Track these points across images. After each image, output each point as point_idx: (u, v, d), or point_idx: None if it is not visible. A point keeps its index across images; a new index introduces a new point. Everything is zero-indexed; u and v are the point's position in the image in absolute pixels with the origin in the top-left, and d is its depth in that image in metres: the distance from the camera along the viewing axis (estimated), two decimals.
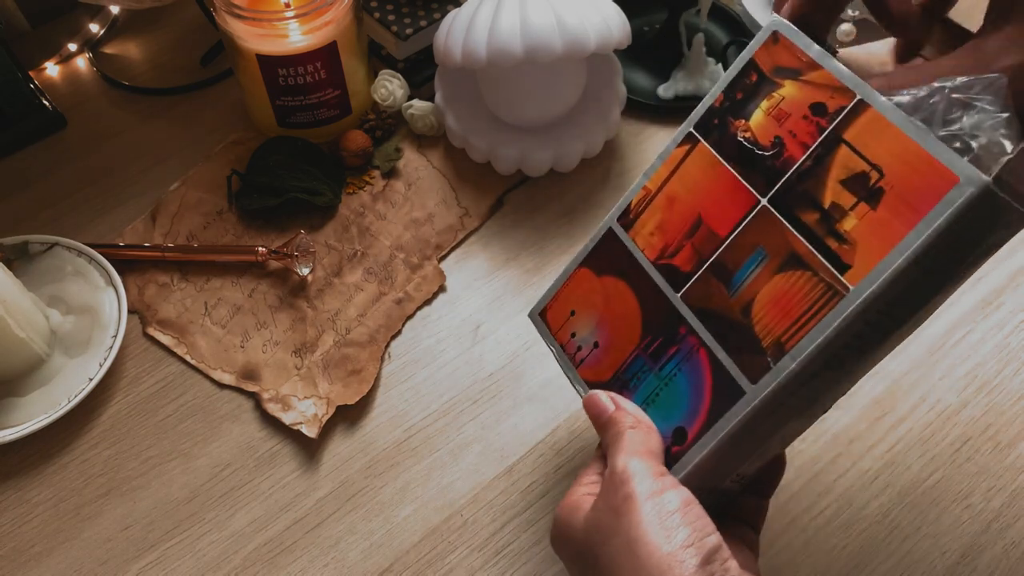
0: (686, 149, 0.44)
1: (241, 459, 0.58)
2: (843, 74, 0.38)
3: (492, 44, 0.61)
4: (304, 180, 0.69)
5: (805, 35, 0.40)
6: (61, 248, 0.65)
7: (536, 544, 0.54)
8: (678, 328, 0.42)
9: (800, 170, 0.39)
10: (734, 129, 0.42)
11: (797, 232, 0.39)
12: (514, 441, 0.58)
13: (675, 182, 0.44)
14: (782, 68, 0.41)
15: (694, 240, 0.42)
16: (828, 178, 0.38)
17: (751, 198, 0.41)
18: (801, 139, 0.39)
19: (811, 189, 0.38)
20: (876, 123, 0.37)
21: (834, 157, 0.38)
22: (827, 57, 0.39)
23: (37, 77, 0.78)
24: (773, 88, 0.41)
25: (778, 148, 0.40)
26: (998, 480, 0.56)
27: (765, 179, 0.40)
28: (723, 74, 0.43)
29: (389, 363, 0.62)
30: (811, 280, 0.38)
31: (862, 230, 0.36)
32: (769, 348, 0.38)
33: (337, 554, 0.54)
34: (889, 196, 0.36)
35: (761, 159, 0.40)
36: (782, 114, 0.40)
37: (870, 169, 0.37)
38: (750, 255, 0.40)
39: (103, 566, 0.54)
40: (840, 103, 0.38)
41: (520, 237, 0.68)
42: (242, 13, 0.64)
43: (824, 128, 0.38)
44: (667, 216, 0.44)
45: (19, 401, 0.59)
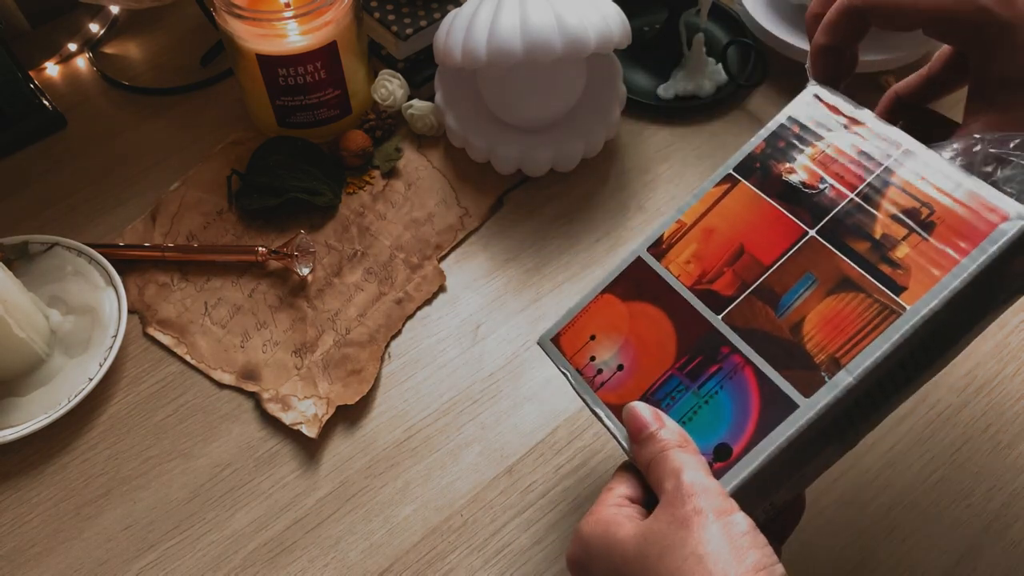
0: (725, 188, 0.46)
1: (241, 459, 0.58)
2: (889, 131, 0.43)
3: (492, 44, 0.61)
4: (304, 180, 0.69)
5: (844, 97, 0.45)
6: (61, 248, 0.65)
7: (536, 544, 0.54)
8: (719, 348, 0.42)
9: (848, 206, 0.42)
10: (779, 171, 0.45)
11: (848, 259, 0.41)
12: (514, 441, 0.58)
13: (713, 216, 0.46)
14: (825, 123, 0.45)
15: (736, 267, 0.44)
16: (878, 213, 0.41)
17: (798, 229, 0.43)
18: (849, 181, 0.43)
19: (861, 223, 0.41)
20: (923, 168, 0.41)
21: (884, 195, 0.41)
22: (868, 115, 0.44)
23: (37, 77, 0.78)
24: (817, 138, 0.45)
25: (825, 187, 0.43)
26: (998, 480, 0.56)
27: (812, 214, 0.43)
28: (766, 127, 0.46)
29: (389, 363, 0.62)
30: (865, 301, 0.40)
31: (915, 257, 0.39)
32: (823, 363, 0.39)
33: (337, 554, 0.54)
34: (941, 228, 0.39)
35: (807, 196, 0.43)
36: (828, 159, 0.44)
37: (920, 205, 0.40)
38: (798, 279, 0.42)
39: (103, 566, 0.54)
40: (887, 152, 0.42)
41: (520, 237, 0.68)
42: (242, 13, 0.64)
43: (872, 171, 0.42)
44: (704, 246, 0.45)
45: (19, 401, 0.59)
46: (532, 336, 0.63)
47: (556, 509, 0.55)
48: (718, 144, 0.73)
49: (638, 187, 0.71)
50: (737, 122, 0.74)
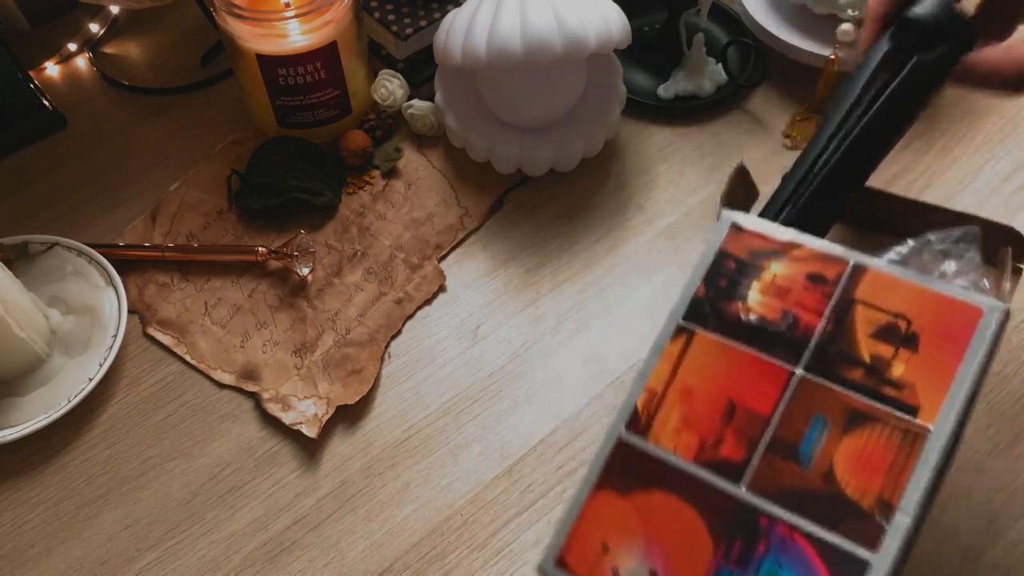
0: (682, 341, 0.43)
1: (241, 459, 0.58)
2: (827, 246, 0.42)
3: (492, 44, 0.61)
4: (304, 180, 0.69)
5: (760, 219, 0.44)
6: (61, 248, 0.65)
7: (536, 544, 0.54)
8: (757, 521, 0.39)
9: (825, 334, 0.41)
10: (734, 312, 0.43)
11: (849, 391, 0.39)
12: (514, 441, 0.58)
13: (684, 374, 0.42)
14: (761, 251, 0.43)
15: (735, 426, 0.40)
16: (857, 335, 0.40)
17: (782, 371, 0.41)
18: (812, 307, 0.41)
19: (844, 349, 0.40)
20: (880, 280, 0.41)
21: (854, 316, 0.41)
22: (803, 235, 0.43)
23: (37, 77, 0.78)
24: (759, 271, 0.43)
25: (791, 321, 0.41)
26: (998, 480, 0.56)
27: (789, 351, 0.41)
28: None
29: (389, 363, 0.62)
30: (886, 431, 0.38)
31: (913, 372, 0.39)
32: (874, 509, 0.37)
33: (337, 554, 0.54)
34: (925, 337, 0.39)
35: (777, 334, 0.41)
36: (781, 290, 0.42)
37: (895, 319, 0.40)
38: (808, 424, 0.40)
39: (103, 566, 0.54)
40: (837, 270, 0.42)
41: (520, 237, 0.68)
42: (242, 13, 0.64)
43: (831, 294, 0.41)
44: (690, 409, 0.41)
45: (19, 401, 0.59)
46: (532, 336, 0.63)
47: (556, 509, 0.55)
48: (718, 144, 0.73)
49: (638, 187, 0.71)
50: (737, 122, 0.74)
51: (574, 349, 0.62)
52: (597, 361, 0.61)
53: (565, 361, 0.62)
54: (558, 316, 0.64)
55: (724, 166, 0.71)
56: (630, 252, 0.67)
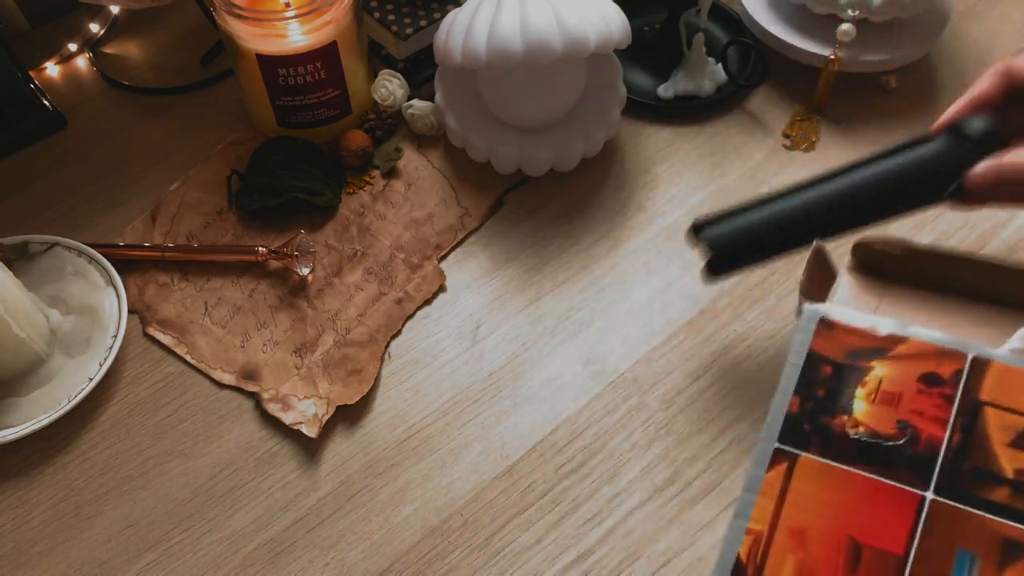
0: (783, 470, 0.37)
1: (241, 459, 0.58)
2: (938, 338, 0.36)
3: (492, 44, 0.61)
4: (304, 180, 0.69)
5: (865, 314, 0.38)
6: (61, 248, 0.65)
7: (536, 544, 0.54)
8: None
9: (953, 447, 0.35)
10: (840, 427, 0.37)
11: (995, 515, 0.34)
12: (514, 441, 0.58)
13: (791, 510, 0.36)
14: (859, 351, 0.37)
15: (863, 570, 0.35)
16: (993, 445, 0.35)
17: (911, 497, 0.35)
18: (932, 414, 0.36)
19: (981, 464, 0.35)
20: (1007, 375, 0.35)
21: (985, 422, 0.35)
22: (906, 326, 0.37)
23: (37, 77, 0.78)
24: (862, 373, 0.37)
25: (910, 432, 0.36)
26: None
27: (914, 471, 0.35)
28: None
29: (389, 363, 0.62)
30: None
31: None
32: None
33: (337, 554, 0.54)
34: None
35: (895, 450, 0.36)
36: (891, 396, 0.37)
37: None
38: (953, 562, 0.34)
39: (103, 566, 0.54)
40: (955, 367, 0.36)
41: (520, 237, 0.68)
42: (242, 13, 0.64)
43: (953, 396, 0.36)
44: (806, 555, 0.35)
45: (19, 401, 0.59)
46: (532, 336, 0.63)
47: (556, 509, 0.55)
48: (718, 144, 0.73)
49: (638, 187, 0.71)
50: (737, 122, 0.74)
51: (574, 349, 0.62)
52: (597, 361, 0.61)
53: (565, 361, 0.62)
54: (558, 316, 0.64)
55: (724, 166, 0.71)
56: (630, 252, 0.67)
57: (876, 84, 0.75)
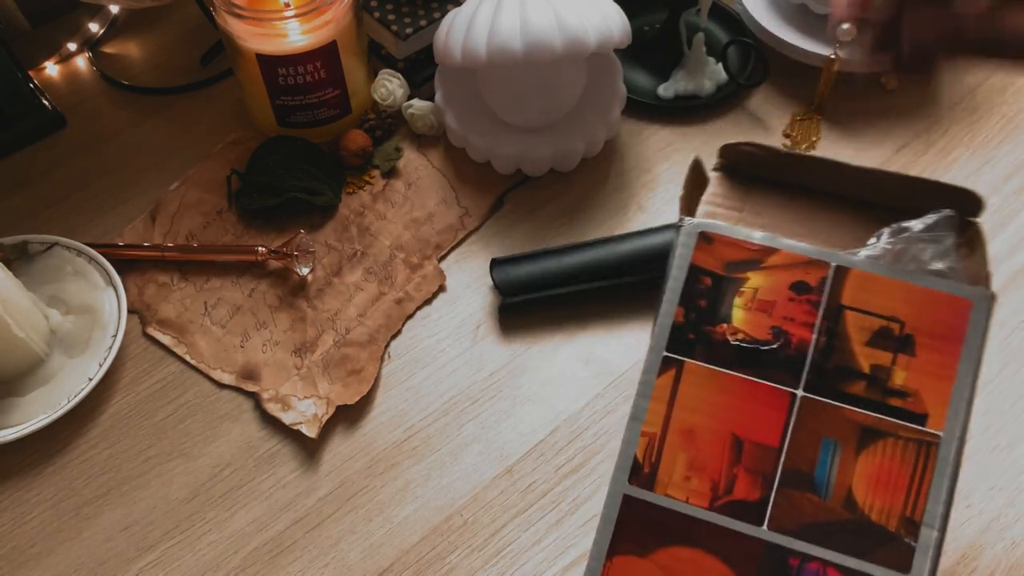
0: (672, 375, 0.40)
1: (241, 459, 0.58)
2: (805, 249, 0.40)
3: (492, 44, 0.61)
4: (304, 180, 0.69)
5: (728, 225, 0.42)
6: (61, 248, 0.65)
7: (536, 544, 0.54)
8: (786, 562, 0.37)
9: (819, 349, 0.39)
10: (720, 335, 0.40)
11: (854, 407, 0.38)
12: (514, 441, 0.58)
13: (681, 412, 0.39)
14: (736, 262, 0.41)
15: (745, 463, 0.38)
16: (852, 345, 0.39)
17: (783, 394, 0.39)
18: (801, 320, 0.39)
19: (841, 362, 0.39)
20: (865, 280, 0.39)
21: (846, 324, 0.39)
22: (777, 239, 0.41)
23: (37, 77, 0.78)
24: (739, 284, 0.40)
25: (782, 338, 0.40)
26: (998, 480, 0.56)
27: (786, 371, 0.39)
28: (676, 254, 0.41)
29: (389, 363, 0.62)
30: (898, 444, 0.37)
31: (915, 378, 0.38)
32: (900, 529, 0.37)
33: (337, 554, 0.54)
34: (920, 339, 0.38)
35: (770, 354, 0.39)
36: (765, 304, 0.40)
37: (887, 322, 0.39)
38: (819, 449, 0.38)
39: (103, 566, 0.54)
40: (820, 275, 0.40)
41: (520, 237, 0.68)
42: (242, 13, 0.64)
43: (819, 303, 0.39)
44: (695, 452, 0.39)
45: (19, 401, 0.59)
46: (532, 336, 0.63)
47: (556, 509, 0.55)
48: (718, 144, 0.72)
49: (638, 187, 0.71)
50: (737, 122, 0.74)
51: (574, 349, 0.62)
52: (597, 361, 0.61)
53: (565, 361, 0.62)
54: (558, 316, 0.64)
55: None
56: None
57: (876, 84, 0.75)
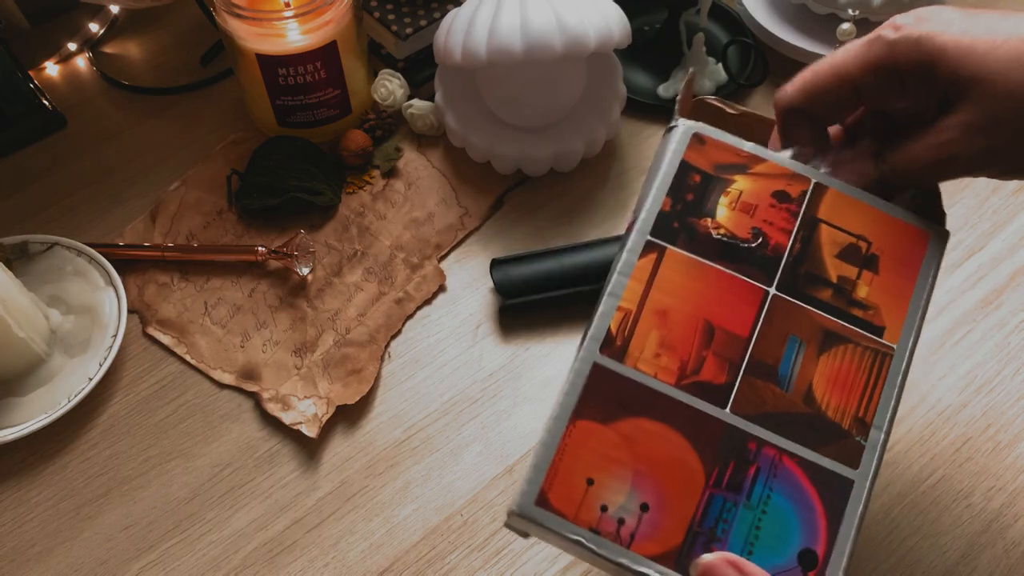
0: (653, 259, 0.41)
1: (241, 459, 0.58)
2: (790, 164, 0.42)
3: (492, 43, 0.61)
4: (304, 180, 0.69)
5: (723, 132, 0.43)
6: (61, 248, 0.65)
7: (536, 544, 0.54)
8: (746, 445, 0.38)
9: (793, 254, 0.41)
10: (704, 228, 0.41)
11: (820, 311, 0.40)
12: (514, 441, 0.58)
13: (658, 293, 0.40)
14: (725, 165, 0.42)
15: (715, 348, 0.39)
16: (823, 255, 0.41)
17: (757, 290, 0.40)
18: (780, 225, 0.42)
19: (812, 269, 0.41)
20: (840, 200, 0.42)
21: (819, 236, 0.41)
22: (765, 151, 0.43)
23: (37, 77, 0.78)
24: (726, 184, 0.42)
25: (761, 238, 0.41)
26: (998, 480, 0.56)
27: (762, 269, 0.41)
28: (665, 159, 0.42)
29: (389, 363, 0.62)
30: (857, 351, 0.40)
31: (876, 294, 0.41)
32: (852, 427, 0.38)
33: (337, 554, 0.54)
34: (884, 260, 0.41)
35: (748, 251, 0.41)
36: (748, 206, 0.42)
37: (856, 240, 0.41)
38: (785, 345, 0.40)
39: (103, 566, 0.54)
40: (801, 188, 0.42)
41: (520, 237, 0.68)
42: (242, 12, 0.64)
43: (797, 212, 0.42)
44: (667, 332, 0.40)
45: (19, 401, 0.59)
46: (532, 336, 0.63)
47: None
48: None
49: (638, 187, 0.71)
50: None
51: (574, 349, 0.62)
52: None
53: (565, 361, 0.62)
54: (558, 316, 0.64)
55: None
56: None
57: None
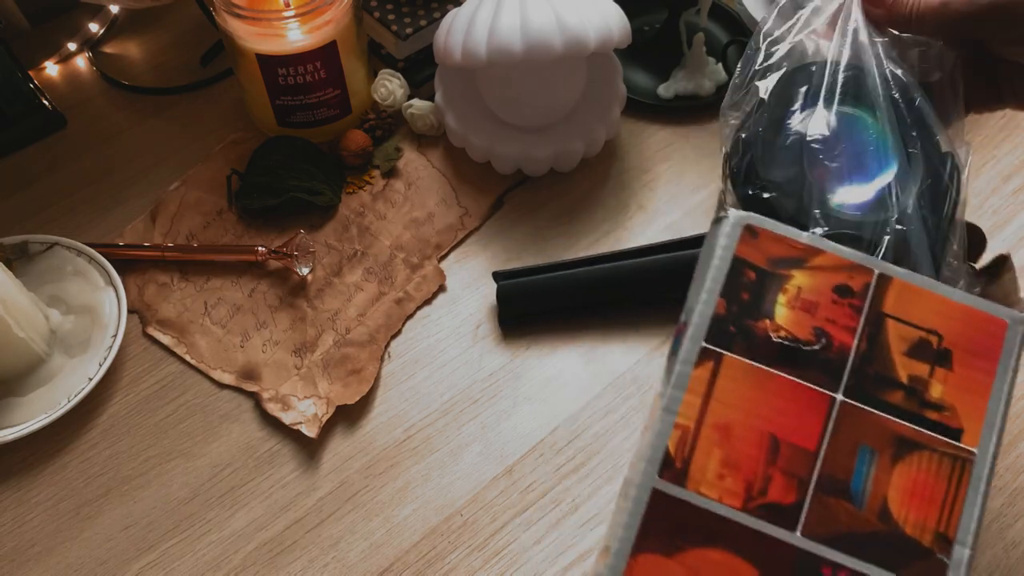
0: (709, 368, 0.39)
1: (241, 459, 0.58)
2: (850, 254, 0.40)
3: (492, 43, 0.61)
4: (304, 180, 0.69)
5: (786, 224, 0.40)
6: (61, 248, 0.65)
7: (536, 544, 0.54)
8: (820, 570, 0.36)
9: (859, 354, 0.39)
10: (763, 331, 0.39)
11: (891, 415, 0.38)
12: (514, 441, 0.58)
13: (717, 406, 0.38)
14: (780, 259, 0.40)
15: (781, 464, 0.37)
16: (892, 353, 0.39)
17: (823, 397, 0.38)
18: (843, 323, 0.39)
19: (881, 370, 0.38)
20: (906, 290, 0.39)
21: (886, 333, 0.39)
22: (823, 240, 0.40)
23: (37, 77, 0.78)
24: (783, 280, 0.40)
25: (824, 339, 0.39)
26: (998, 480, 0.56)
27: (826, 373, 0.38)
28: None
29: (389, 363, 0.62)
30: (933, 458, 0.37)
31: (951, 393, 0.38)
32: (934, 545, 0.36)
33: (337, 554, 0.54)
34: (957, 354, 0.38)
35: (811, 354, 0.39)
36: (808, 304, 0.39)
37: (927, 335, 0.39)
38: (856, 457, 0.37)
39: (103, 566, 0.54)
40: (863, 280, 0.39)
41: (520, 237, 0.68)
42: (242, 12, 0.64)
43: (861, 308, 0.39)
44: (730, 449, 0.38)
45: (19, 401, 0.59)
46: (532, 336, 0.63)
47: (556, 509, 0.55)
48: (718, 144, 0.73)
49: (638, 187, 0.71)
50: None
51: (574, 349, 0.62)
52: (597, 361, 0.61)
53: (565, 361, 0.62)
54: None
55: None
56: None
57: None
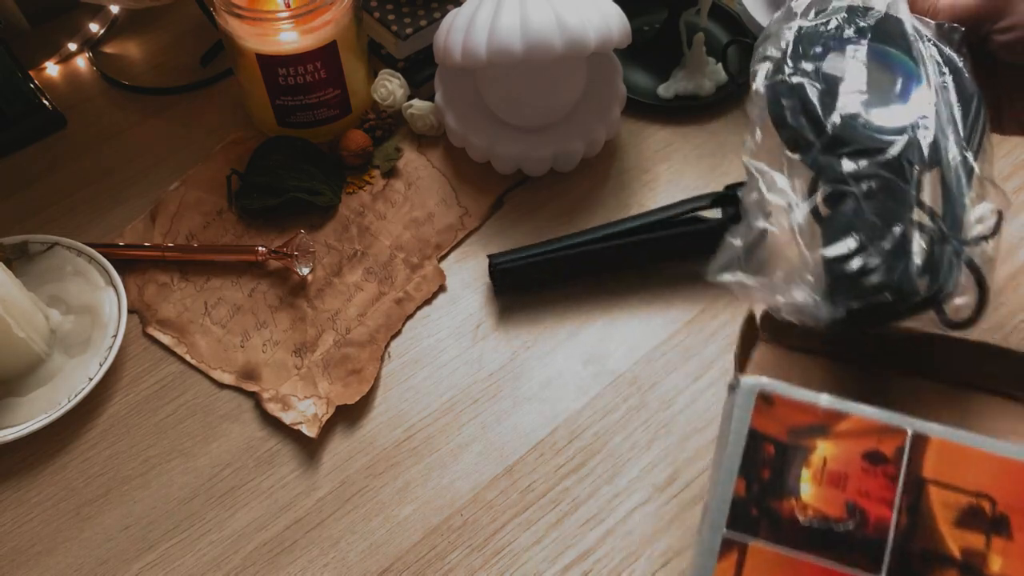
0: (733, 560, 0.35)
1: (241, 459, 0.58)
2: (878, 414, 0.36)
3: (492, 43, 0.61)
4: (304, 180, 0.69)
5: (792, 385, 0.37)
6: (61, 248, 0.65)
7: (536, 544, 0.54)
8: None
9: (900, 529, 0.35)
10: (789, 512, 0.35)
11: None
12: (514, 441, 0.58)
13: None
14: (801, 428, 0.36)
15: None
16: (938, 524, 0.34)
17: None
18: (878, 495, 0.35)
19: (928, 545, 0.34)
20: (946, 449, 0.35)
21: (929, 501, 0.35)
22: (845, 402, 0.36)
23: (37, 76, 0.78)
24: (806, 452, 0.36)
25: (858, 515, 0.35)
26: None
27: (866, 555, 0.34)
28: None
29: (389, 363, 0.62)
30: None
31: (1015, 565, 0.34)
32: None
33: (337, 554, 0.54)
34: (1015, 519, 0.34)
35: (845, 535, 0.35)
36: (837, 477, 0.35)
37: (977, 499, 0.34)
38: None
39: (103, 566, 0.54)
40: (896, 443, 0.35)
41: (520, 237, 0.68)
42: (242, 12, 0.64)
43: (896, 475, 0.35)
44: None
45: (19, 401, 0.59)
46: (532, 336, 0.63)
47: (556, 509, 0.55)
48: (718, 144, 0.73)
49: (638, 187, 0.71)
50: (737, 122, 0.74)
51: (574, 349, 0.62)
52: (597, 361, 0.61)
53: (565, 361, 0.62)
54: (558, 316, 0.64)
55: (724, 166, 0.71)
56: None
57: None
